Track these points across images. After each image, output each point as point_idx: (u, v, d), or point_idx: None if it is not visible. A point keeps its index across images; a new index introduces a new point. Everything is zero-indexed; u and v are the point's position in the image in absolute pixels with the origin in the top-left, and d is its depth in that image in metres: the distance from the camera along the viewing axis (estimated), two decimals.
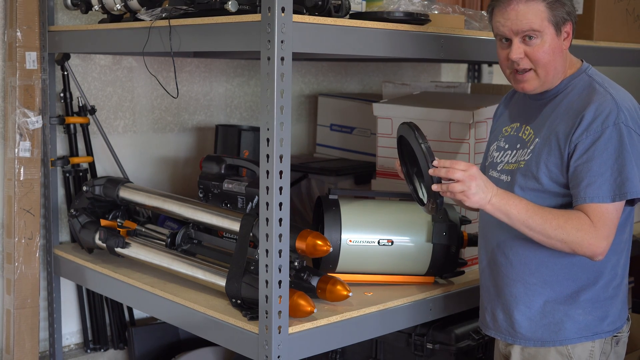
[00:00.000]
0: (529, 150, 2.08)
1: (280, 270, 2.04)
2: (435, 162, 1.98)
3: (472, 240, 2.54)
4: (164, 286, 2.51)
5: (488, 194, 1.96)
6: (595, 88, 2.03)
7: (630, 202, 2.00)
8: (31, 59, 2.89)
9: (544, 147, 2.04)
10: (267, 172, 2.00)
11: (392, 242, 2.45)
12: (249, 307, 2.22)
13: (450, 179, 1.96)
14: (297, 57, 3.03)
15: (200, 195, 2.69)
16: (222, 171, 2.68)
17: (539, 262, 2.07)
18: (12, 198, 2.89)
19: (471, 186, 1.93)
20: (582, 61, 2.14)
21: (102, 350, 3.22)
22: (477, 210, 2.24)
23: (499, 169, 2.17)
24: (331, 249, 2.23)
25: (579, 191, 1.95)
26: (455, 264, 2.53)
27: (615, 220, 1.95)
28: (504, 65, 2.10)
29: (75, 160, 3.09)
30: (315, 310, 2.14)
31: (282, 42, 1.95)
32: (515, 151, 2.13)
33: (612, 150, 1.93)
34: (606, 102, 1.97)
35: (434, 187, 1.98)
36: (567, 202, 2.02)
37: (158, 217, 2.91)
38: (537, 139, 2.07)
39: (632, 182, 1.92)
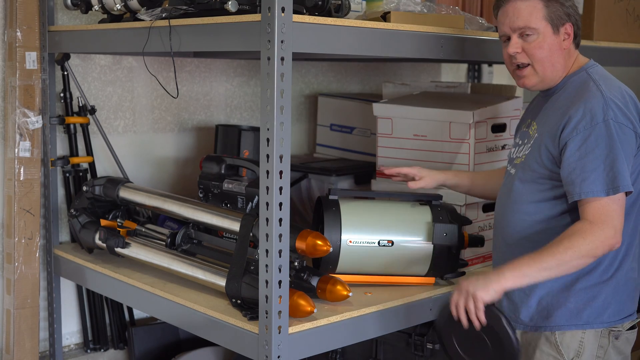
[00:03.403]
0: (529, 145, 2.15)
1: (280, 270, 2.04)
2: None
3: (473, 241, 2.54)
4: (164, 286, 2.50)
5: (493, 278, 2.00)
6: (588, 85, 2.08)
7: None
8: (31, 59, 2.89)
9: (540, 142, 2.10)
10: (267, 172, 2.00)
11: (393, 243, 2.44)
12: (249, 307, 2.22)
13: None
14: (297, 57, 3.02)
15: (200, 195, 2.69)
16: (222, 171, 2.68)
17: (529, 249, 2.08)
18: (12, 198, 2.89)
19: (468, 290, 2.01)
20: (589, 60, 2.19)
21: (102, 350, 3.21)
22: None
23: (512, 163, 2.25)
24: (331, 250, 2.23)
25: (574, 187, 1.99)
26: (456, 265, 2.52)
27: (617, 211, 1.97)
28: (507, 63, 2.19)
29: (75, 160, 3.08)
30: (315, 310, 2.13)
31: (282, 42, 1.94)
32: (523, 146, 2.21)
33: (603, 147, 1.98)
34: (595, 100, 2.02)
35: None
36: (559, 193, 2.06)
37: (158, 217, 2.90)
38: (536, 134, 2.14)
39: (623, 176, 1.97)
